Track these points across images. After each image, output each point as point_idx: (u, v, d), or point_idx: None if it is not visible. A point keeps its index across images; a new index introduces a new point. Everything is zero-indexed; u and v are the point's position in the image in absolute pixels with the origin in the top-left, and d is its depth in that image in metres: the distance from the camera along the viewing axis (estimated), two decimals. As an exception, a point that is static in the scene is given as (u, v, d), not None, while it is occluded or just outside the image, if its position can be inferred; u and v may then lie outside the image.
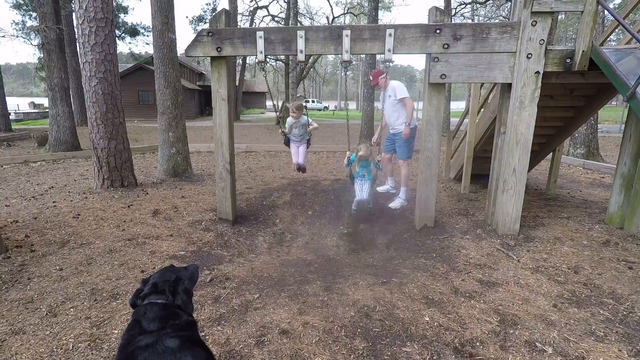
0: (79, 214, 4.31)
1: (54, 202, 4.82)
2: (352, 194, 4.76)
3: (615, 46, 4.01)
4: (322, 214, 4.96)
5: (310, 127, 4.96)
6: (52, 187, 5.74)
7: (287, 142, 5.15)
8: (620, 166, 3.84)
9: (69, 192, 5.37)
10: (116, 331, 2.28)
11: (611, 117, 22.82)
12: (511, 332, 2.29)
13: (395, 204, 4.94)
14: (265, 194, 5.40)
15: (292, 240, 4.47)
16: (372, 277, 3.10)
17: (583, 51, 3.37)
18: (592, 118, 8.91)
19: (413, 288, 2.84)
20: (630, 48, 3.57)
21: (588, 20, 3.31)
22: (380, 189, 5.46)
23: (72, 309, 2.51)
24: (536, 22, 3.36)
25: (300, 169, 5.28)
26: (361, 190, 4.59)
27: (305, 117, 4.92)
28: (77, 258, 3.28)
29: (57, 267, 3.10)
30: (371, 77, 5.12)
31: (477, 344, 2.18)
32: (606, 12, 4.23)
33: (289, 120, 5.01)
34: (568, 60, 3.46)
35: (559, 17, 22.93)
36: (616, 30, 4.52)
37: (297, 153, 5.16)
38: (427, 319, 2.42)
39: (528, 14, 3.36)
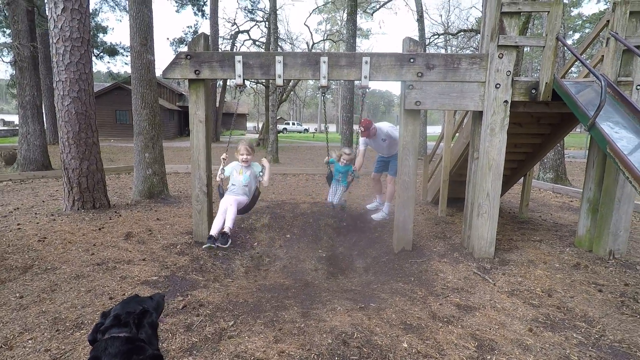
0: (45, 237, 4.10)
1: (18, 224, 4.57)
2: (329, 218, 5.14)
3: (575, 79, 4.29)
4: (301, 237, 4.91)
5: (262, 179, 3.97)
6: (18, 208, 5.46)
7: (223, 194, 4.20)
8: (586, 191, 4.03)
9: (35, 213, 5.12)
10: (78, 365, 2.13)
11: (577, 143, 24.10)
12: (488, 357, 2.29)
13: (377, 216, 5.31)
14: (243, 216, 5.31)
15: (270, 264, 4.38)
16: (351, 302, 3.06)
17: (546, 83, 3.58)
18: (558, 144, 9.38)
19: (391, 313, 2.82)
20: (588, 81, 3.81)
21: (549, 55, 3.54)
22: (369, 206, 5.79)
23: (30, 341, 2.34)
24: (502, 54, 3.57)
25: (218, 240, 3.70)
26: (334, 194, 5.17)
27: (258, 166, 3.89)
28: (40, 284, 3.09)
29: (17, 295, 2.90)
30: (362, 128, 5.08)
31: (455, 370, 2.16)
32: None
33: (234, 164, 3.95)
34: (533, 91, 3.66)
35: (525, 49, 24.40)
36: (576, 63, 4.83)
37: (225, 211, 3.84)
38: (406, 345, 2.40)
39: (495, 47, 3.56)
